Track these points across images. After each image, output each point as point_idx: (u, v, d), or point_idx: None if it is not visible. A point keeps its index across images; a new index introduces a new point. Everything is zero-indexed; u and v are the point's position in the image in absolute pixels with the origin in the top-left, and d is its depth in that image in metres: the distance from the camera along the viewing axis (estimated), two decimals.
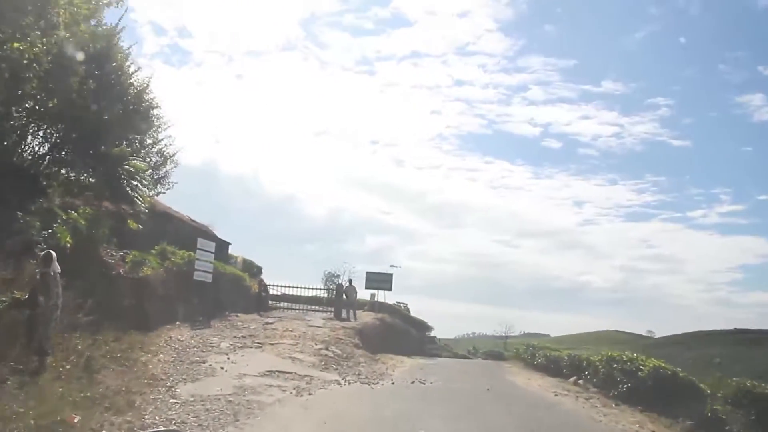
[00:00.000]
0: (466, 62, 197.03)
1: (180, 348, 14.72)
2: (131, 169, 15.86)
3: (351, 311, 27.48)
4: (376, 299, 32.97)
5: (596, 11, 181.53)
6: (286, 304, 28.99)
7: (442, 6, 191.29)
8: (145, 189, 16.55)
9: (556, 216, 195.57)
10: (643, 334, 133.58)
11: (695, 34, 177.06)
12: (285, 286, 28.24)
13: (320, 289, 32.37)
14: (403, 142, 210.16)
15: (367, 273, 29.42)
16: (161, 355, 13.28)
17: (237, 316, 22.31)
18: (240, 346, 16.47)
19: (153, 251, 19.89)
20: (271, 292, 30.01)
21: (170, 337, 16.05)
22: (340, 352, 18.13)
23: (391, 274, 30.09)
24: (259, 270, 34.34)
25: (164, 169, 20.38)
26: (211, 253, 21.72)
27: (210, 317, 20.45)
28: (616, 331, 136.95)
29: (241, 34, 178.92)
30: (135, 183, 16.15)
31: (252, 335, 18.57)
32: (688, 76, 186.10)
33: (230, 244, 31.21)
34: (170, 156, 20.30)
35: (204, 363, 13.37)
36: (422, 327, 39.86)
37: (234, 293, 24.43)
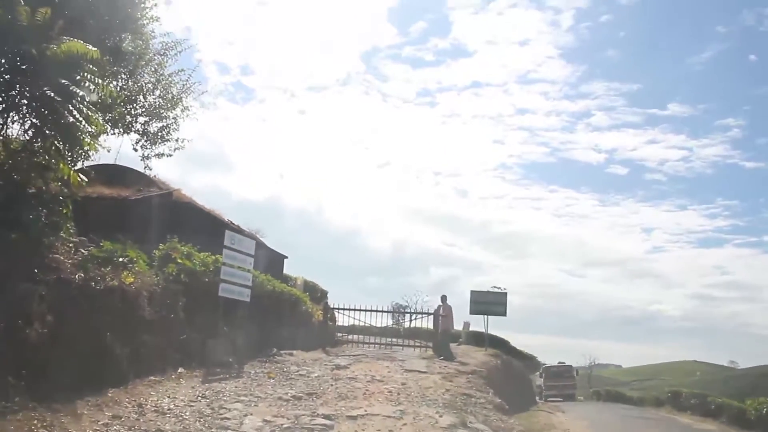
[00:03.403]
0: (527, 90, 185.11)
1: None
2: (61, 55, 7.01)
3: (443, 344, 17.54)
4: (475, 328, 23.12)
5: (660, 34, 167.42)
6: (358, 336, 19.43)
7: (501, 35, 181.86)
8: (95, 109, 7.55)
9: (624, 243, 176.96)
10: (725, 365, 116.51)
11: (766, 50, 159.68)
12: (359, 310, 18.58)
13: (416, 313, 22.92)
14: (465, 173, 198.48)
15: (472, 293, 19.42)
16: None
17: (291, 354, 13.01)
18: (286, 426, 7.01)
19: (156, 251, 11.20)
20: (338, 321, 20.62)
21: (138, 406, 6.85)
22: (486, 428, 8.31)
23: (506, 294, 19.95)
24: (324, 294, 25.23)
25: (168, 118, 11.53)
26: (250, 256, 12.63)
27: (245, 357, 11.35)
28: (695, 361, 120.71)
29: (303, 70, 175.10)
30: (72, 88, 7.25)
31: (313, 393, 9.11)
32: (760, 95, 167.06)
33: (286, 257, 22.27)
34: (178, 97, 11.45)
35: None
36: (528, 360, 29.60)
37: (288, 321, 15.17)
